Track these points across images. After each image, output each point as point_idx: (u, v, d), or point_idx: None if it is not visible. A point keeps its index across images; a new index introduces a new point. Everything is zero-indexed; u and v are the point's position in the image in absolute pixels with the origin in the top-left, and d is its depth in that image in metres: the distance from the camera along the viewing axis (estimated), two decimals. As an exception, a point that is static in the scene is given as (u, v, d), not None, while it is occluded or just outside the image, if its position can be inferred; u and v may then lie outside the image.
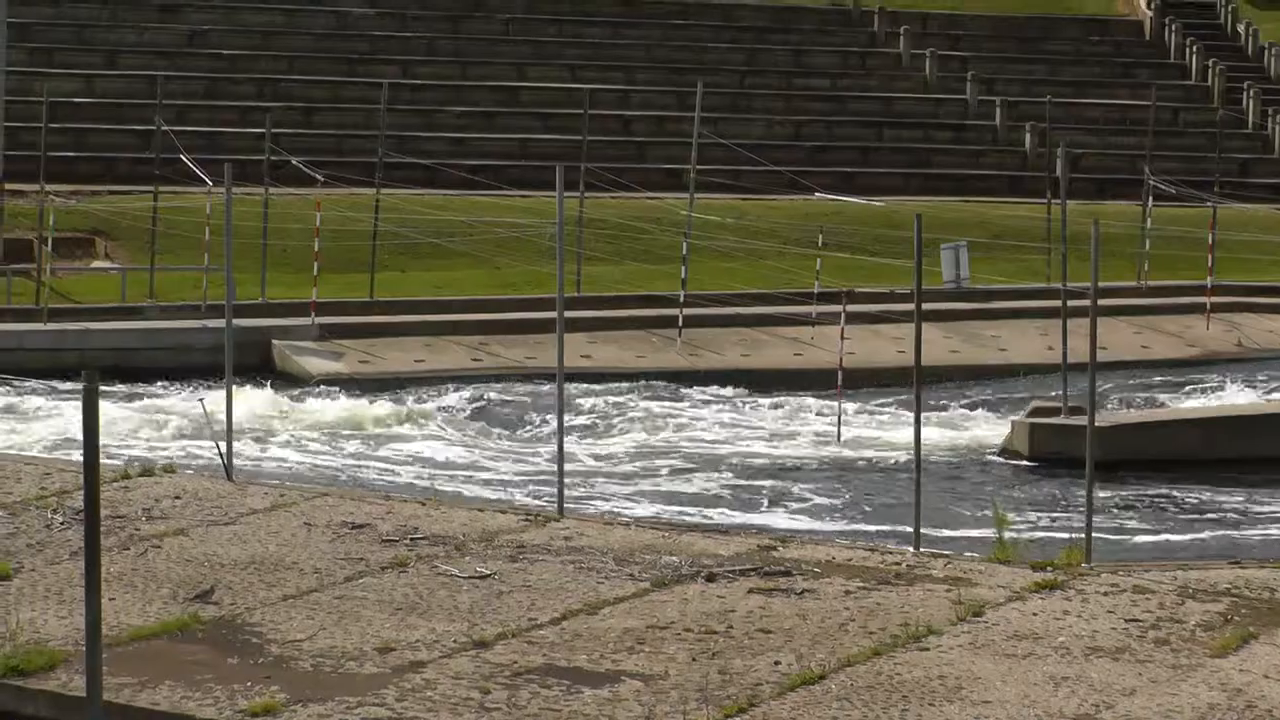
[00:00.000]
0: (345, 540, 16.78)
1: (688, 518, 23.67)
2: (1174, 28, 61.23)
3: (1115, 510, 25.48)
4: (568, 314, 20.90)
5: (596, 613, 14.54)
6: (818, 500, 26.33)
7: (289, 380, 34.47)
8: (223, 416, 20.69)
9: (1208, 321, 41.56)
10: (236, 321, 22.49)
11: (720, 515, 24.49)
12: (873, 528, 23.89)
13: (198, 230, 38.17)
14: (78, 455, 20.99)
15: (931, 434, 29.11)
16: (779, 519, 24.62)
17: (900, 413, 32.05)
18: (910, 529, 18.09)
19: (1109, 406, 33.18)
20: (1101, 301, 19.89)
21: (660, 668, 13.19)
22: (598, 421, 31.71)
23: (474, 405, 32.59)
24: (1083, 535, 17.59)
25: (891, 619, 14.29)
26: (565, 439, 19.94)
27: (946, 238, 43.16)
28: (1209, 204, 44.26)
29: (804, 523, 24.34)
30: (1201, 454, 28.80)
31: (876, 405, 33.59)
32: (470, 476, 27.40)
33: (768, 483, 27.47)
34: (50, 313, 36.08)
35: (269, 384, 32.83)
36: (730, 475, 28.00)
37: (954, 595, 14.85)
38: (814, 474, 28.33)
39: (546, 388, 31.90)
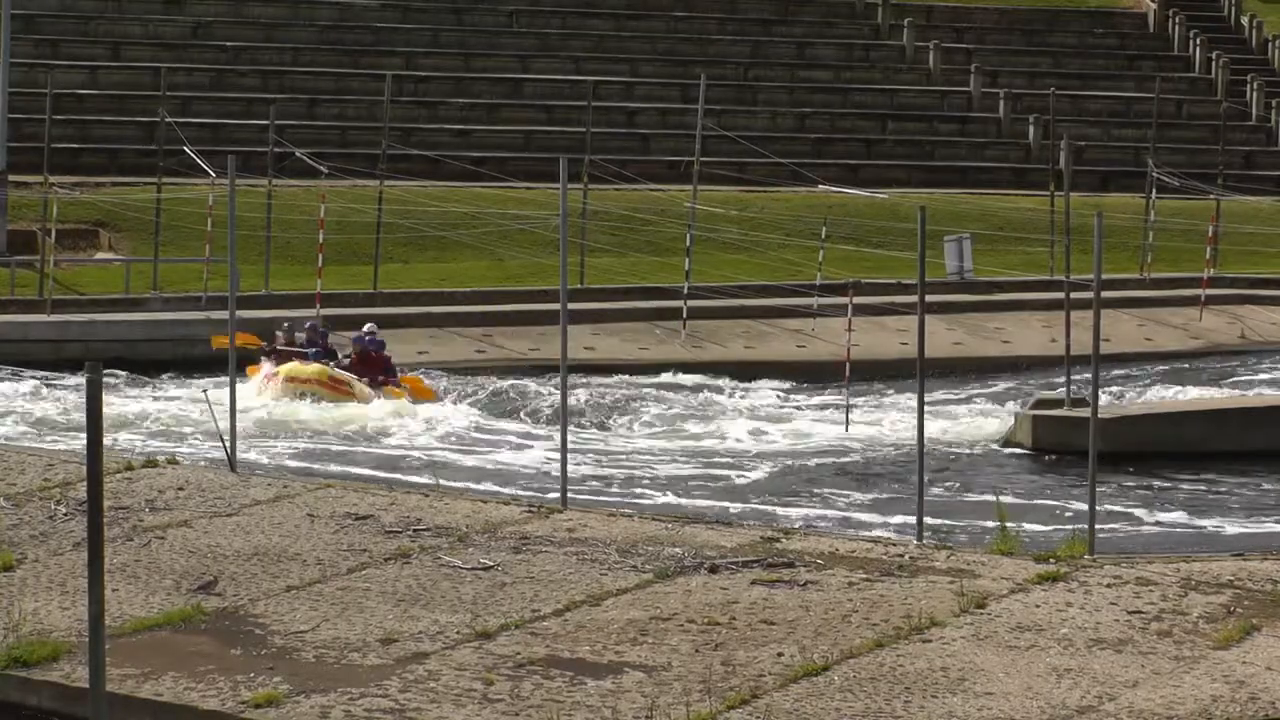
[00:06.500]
0: (348, 531, 16.78)
1: (691, 508, 23.66)
2: (1178, 20, 61.22)
3: (1118, 502, 25.46)
4: (571, 306, 20.90)
5: (599, 604, 14.54)
6: (821, 491, 26.33)
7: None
8: (225, 408, 20.68)
9: (1201, 313, 41.57)
10: (240, 313, 22.50)
11: (724, 506, 24.47)
12: (876, 519, 23.89)
13: (201, 222, 38.21)
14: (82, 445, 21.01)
15: (935, 426, 29.11)
16: (782, 510, 24.61)
17: (903, 404, 32.03)
18: (913, 520, 18.08)
19: (1113, 390, 33.19)
20: (1104, 294, 19.87)
21: (663, 659, 13.19)
22: (603, 413, 31.73)
23: (478, 395, 32.61)
24: (1085, 527, 17.58)
25: (894, 611, 14.29)
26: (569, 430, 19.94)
27: (950, 230, 43.20)
28: (1212, 196, 44.26)
29: (807, 514, 24.33)
30: (1205, 445, 28.79)
31: (880, 397, 33.60)
32: (474, 467, 27.41)
33: (771, 474, 27.48)
34: (54, 304, 36.13)
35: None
36: (734, 466, 28.00)
37: (957, 587, 14.84)
38: (818, 465, 28.33)
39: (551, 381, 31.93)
